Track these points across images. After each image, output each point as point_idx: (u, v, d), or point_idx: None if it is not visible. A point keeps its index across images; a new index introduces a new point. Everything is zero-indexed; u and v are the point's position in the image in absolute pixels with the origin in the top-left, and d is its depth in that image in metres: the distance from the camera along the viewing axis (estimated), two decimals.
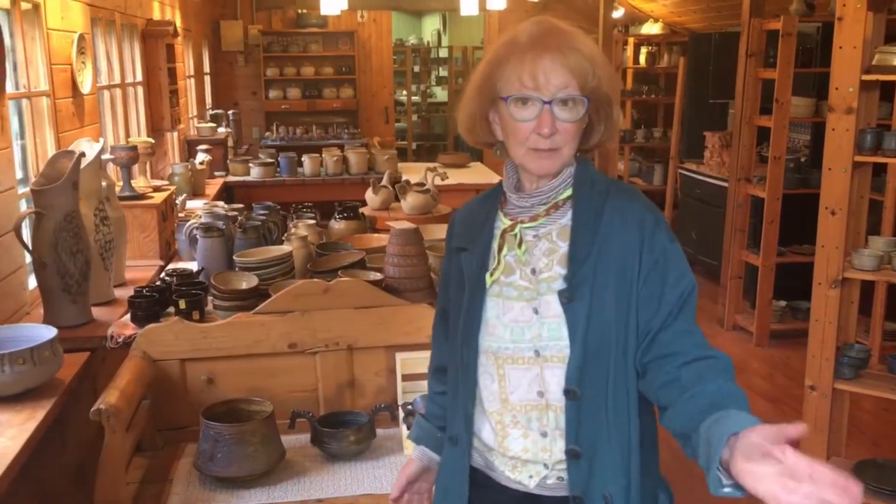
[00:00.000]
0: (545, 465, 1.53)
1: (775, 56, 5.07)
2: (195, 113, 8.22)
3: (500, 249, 1.56)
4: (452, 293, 1.65)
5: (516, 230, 1.54)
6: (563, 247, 1.51)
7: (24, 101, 3.49)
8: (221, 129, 7.84)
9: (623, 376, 1.48)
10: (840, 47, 3.08)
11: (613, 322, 1.46)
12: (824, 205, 3.21)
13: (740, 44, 5.36)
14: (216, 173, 6.81)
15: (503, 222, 1.58)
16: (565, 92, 1.45)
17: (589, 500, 1.48)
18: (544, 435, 1.51)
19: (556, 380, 1.49)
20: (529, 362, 1.51)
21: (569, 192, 1.54)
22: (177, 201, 4.87)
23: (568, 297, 1.47)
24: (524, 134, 1.48)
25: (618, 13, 9.05)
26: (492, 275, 1.55)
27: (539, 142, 1.47)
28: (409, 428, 2.62)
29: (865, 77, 3.10)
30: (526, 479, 1.54)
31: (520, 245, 1.54)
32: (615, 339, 1.47)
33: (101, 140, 3.44)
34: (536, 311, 1.51)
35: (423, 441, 1.82)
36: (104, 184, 3.33)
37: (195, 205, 5.24)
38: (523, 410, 1.52)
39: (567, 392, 1.47)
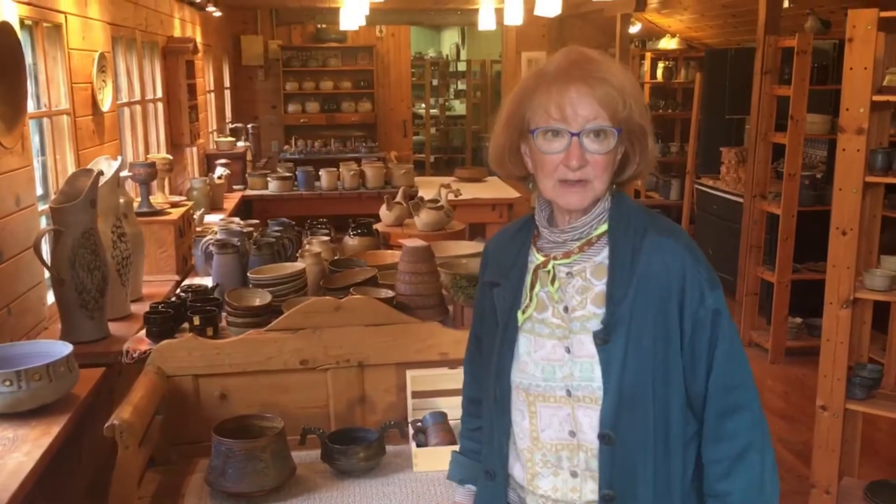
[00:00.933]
0: None
1: (790, 73, 5.07)
2: (215, 127, 8.32)
3: (532, 286, 1.53)
4: (487, 327, 1.63)
5: (549, 266, 1.51)
6: (598, 285, 1.48)
7: (45, 120, 3.55)
8: (241, 143, 7.92)
9: (664, 421, 1.45)
10: (851, 68, 3.09)
11: (651, 368, 1.43)
12: (835, 225, 3.20)
13: (755, 61, 5.37)
14: (235, 187, 6.89)
15: (536, 258, 1.55)
16: (595, 123, 1.42)
17: None
18: (574, 475, 1.50)
19: (588, 420, 1.47)
20: (561, 401, 1.49)
21: (603, 227, 1.50)
22: (195, 216, 4.93)
23: (603, 339, 1.44)
24: (552, 167, 1.45)
25: (635, 28, 9.08)
26: (524, 312, 1.52)
27: (567, 173, 1.44)
28: (418, 445, 2.65)
29: (876, 98, 3.10)
30: None
31: (552, 282, 1.50)
32: (653, 386, 1.44)
33: (120, 158, 3.49)
34: (569, 350, 1.48)
35: (469, 479, 1.74)
36: (122, 201, 3.39)
37: (213, 219, 5.31)
38: (553, 450, 1.51)
39: (602, 436, 1.44)
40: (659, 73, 8.61)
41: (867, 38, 3.04)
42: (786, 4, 5.52)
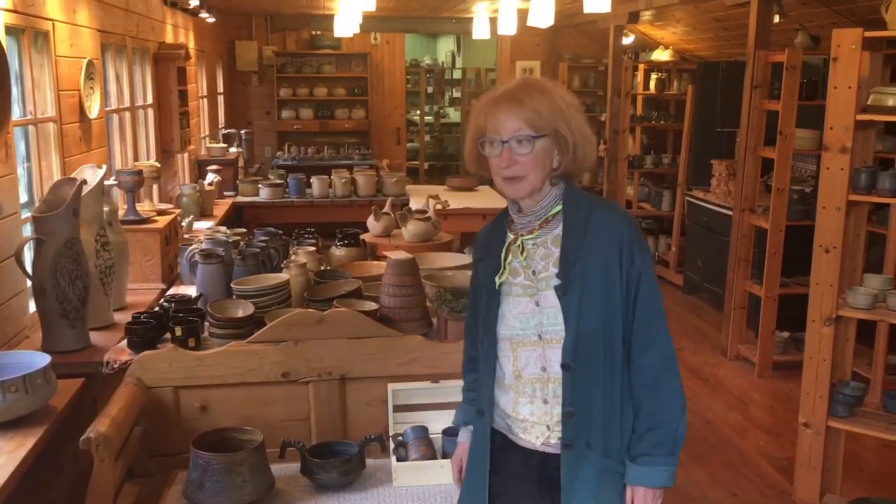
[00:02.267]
0: (547, 427, 1.94)
1: (780, 88, 5.08)
2: (207, 132, 8.31)
3: (506, 258, 1.97)
4: (479, 297, 2.05)
5: (518, 242, 1.95)
6: (557, 252, 1.91)
7: (31, 127, 3.54)
8: (233, 149, 7.91)
9: (610, 353, 1.88)
10: (835, 87, 3.09)
11: (600, 311, 1.86)
12: (818, 243, 3.21)
13: (745, 75, 5.38)
14: (226, 193, 6.88)
15: (509, 237, 1.99)
16: (518, 133, 1.86)
17: (576, 446, 1.90)
18: (545, 402, 1.93)
19: (555, 357, 1.90)
20: (534, 344, 1.92)
21: (558, 208, 1.93)
22: (183, 223, 4.93)
23: (563, 292, 1.87)
24: (496, 168, 1.91)
25: (628, 40, 9.10)
26: (500, 277, 1.96)
27: (504, 171, 1.89)
28: (399, 460, 2.65)
29: (860, 117, 3.11)
30: (533, 438, 1.96)
31: (522, 253, 1.94)
32: (602, 325, 1.86)
33: (104, 167, 3.48)
34: (538, 304, 1.91)
35: (470, 422, 2.14)
36: (106, 209, 3.38)
37: (203, 226, 5.30)
38: (530, 383, 1.94)
39: (563, 365, 1.88)
40: (652, 84, 8.62)
41: (852, 57, 3.05)
42: (776, 20, 5.52)
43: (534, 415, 1.94)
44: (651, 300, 1.89)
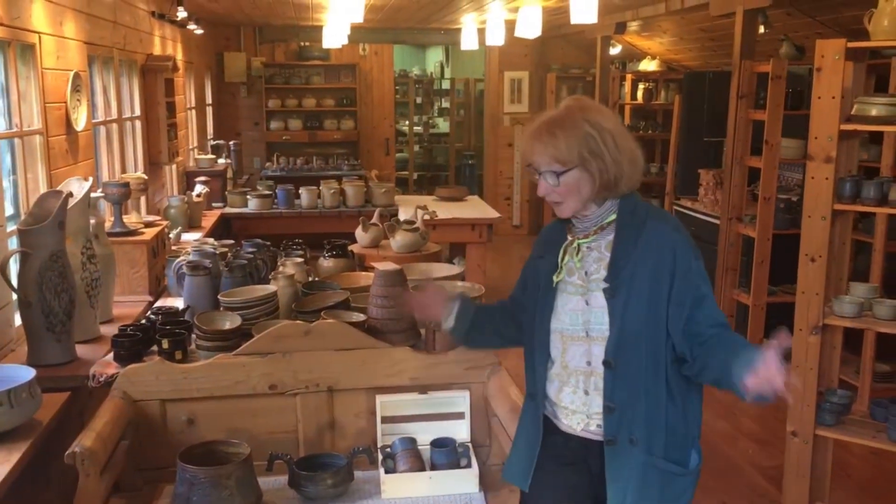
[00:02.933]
0: (586, 416, 2.10)
1: (766, 97, 5.12)
2: (195, 144, 8.29)
3: (563, 258, 2.13)
4: (529, 288, 2.22)
5: (575, 244, 2.11)
6: (609, 256, 2.05)
7: (16, 140, 3.52)
8: (222, 160, 7.90)
9: (653, 354, 2.00)
10: (819, 97, 3.12)
11: (645, 314, 1.99)
12: (804, 252, 3.23)
13: (731, 85, 5.41)
14: (214, 204, 6.86)
15: (567, 238, 2.15)
16: (549, 167, 2.04)
17: (619, 441, 2.03)
18: (587, 393, 2.09)
19: (600, 353, 2.04)
20: (582, 339, 2.08)
21: (613, 216, 2.07)
22: (171, 235, 4.91)
23: (610, 294, 2.01)
24: (539, 192, 2.10)
25: (615, 50, 9.15)
26: (557, 276, 2.12)
27: (546, 197, 2.08)
28: (387, 471, 2.64)
29: (844, 126, 3.13)
30: (575, 424, 2.12)
31: (577, 254, 2.10)
32: (646, 327, 1.99)
33: (91, 179, 3.47)
34: (588, 303, 2.07)
35: (460, 304, 2.32)
36: (93, 221, 3.37)
37: (191, 237, 5.29)
38: (575, 374, 2.10)
39: (605, 362, 2.02)
40: (639, 94, 8.67)
41: (835, 68, 3.07)
42: (761, 30, 5.57)
43: (574, 403, 2.11)
44: (712, 301, 2.02)
